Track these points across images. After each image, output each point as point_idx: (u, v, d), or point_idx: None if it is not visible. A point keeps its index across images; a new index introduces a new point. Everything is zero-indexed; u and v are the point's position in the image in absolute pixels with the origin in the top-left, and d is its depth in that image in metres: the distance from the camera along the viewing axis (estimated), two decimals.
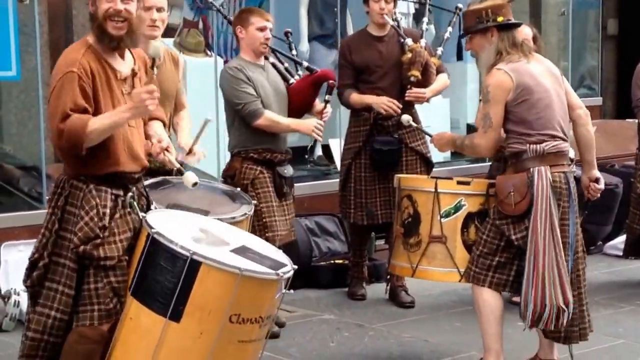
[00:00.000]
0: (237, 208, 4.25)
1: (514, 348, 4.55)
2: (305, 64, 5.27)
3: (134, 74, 3.52)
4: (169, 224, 3.42)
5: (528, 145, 4.10)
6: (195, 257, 3.25)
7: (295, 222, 5.29)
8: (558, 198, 4.12)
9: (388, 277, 5.62)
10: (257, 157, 4.94)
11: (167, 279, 3.27)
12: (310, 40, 7.41)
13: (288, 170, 5.04)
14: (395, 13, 5.61)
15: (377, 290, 5.70)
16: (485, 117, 4.14)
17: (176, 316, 3.27)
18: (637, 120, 6.04)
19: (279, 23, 6.45)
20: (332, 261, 6.22)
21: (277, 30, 5.37)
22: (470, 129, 7.99)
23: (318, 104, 5.18)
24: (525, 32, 5.65)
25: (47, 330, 3.38)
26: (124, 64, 3.50)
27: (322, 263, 6.15)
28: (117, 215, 3.41)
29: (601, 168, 6.65)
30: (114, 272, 3.36)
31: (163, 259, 3.30)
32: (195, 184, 3.54)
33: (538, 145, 4.10)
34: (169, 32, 7.46)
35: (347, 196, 5.62)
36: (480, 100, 4.88)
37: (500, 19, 4.16)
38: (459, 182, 4.40)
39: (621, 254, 6.69)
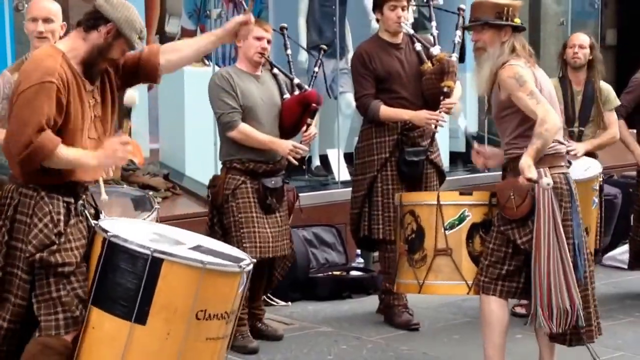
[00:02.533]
0: (136, 215, 4.16)
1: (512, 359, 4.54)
2: (297, 80, 5.12)
3: (95, 86, 3.45)
4: (123, 228, 3.38)
5: (526, 149, 4.09)
6: (156, 254, 3.21)
7: (291, 233, 5.24)
8: (560, 199, 4.13)
9: (382, 295, 5.51)
10: (240, 167, 4.93)
11: (128, 281, 3.22)
12: (311, 50, 7.39)
13: (275, 182, 4.97)
14: (407, 20, 5.46)
15: (376, 302, 5.66)
16: (531, 94, 4.08)
17: (141, 318, 3.22)
18: (635, 131, 6.04)
19: (278, 33, 6.44)
20: (330, 273, 6.19)
21: (274, 28, 5.33)
22: (468, 138, 7.96)
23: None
24: (582, 39, 5.81)
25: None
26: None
27: (320, 275, 6.13)
28: (72, 222, 3.35)
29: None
30: (76, 278, 3.30)
31: (122, 261, 3.25)
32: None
33: None
34: (167, 40, 7.48)
35: (373, 212, 5.30)
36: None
37: (516, 20, 4.20)
38: (461, 193, 4.42)
39: (620, 265, 6.69)
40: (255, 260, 3.47)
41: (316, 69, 5.34)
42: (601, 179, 5.51)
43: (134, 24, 3.38)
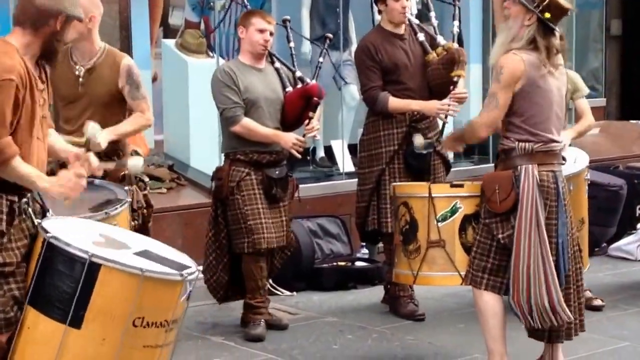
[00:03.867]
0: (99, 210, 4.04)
1: (518, 351, 4.51)
2: (298, 73, 5.09)
3: (43, 82, 3.38)
4: (67, 229, 3.29)
5: (517, 143, 4.10)
6: (94, 259, 3.14)
7: (296, 224, 5.26)
8: (545, 197, 4.10)
9: (388, 286, 5.49)
10: (243, 159, 4.93)
11: (65, 284, 3.16)
12: (314, 42, 7.38)
13: (280, 172, 4.97)
14: (411, 9, 5.39)
15: (381, 293, 5.66)
16: (492, 96, 4.12)
17: (77, 322, 3.15)
18: None
19: (281, 25, 6.42)
20: (335, 263, 6.18)
21: (278, 21, 5.31)
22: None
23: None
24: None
25: None
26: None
27: (324, 265, 6.11)
28: (15, 222, 3.26)
29: (605, 169, 6.68)
30: (15, 279, 3.22)
31: (60, 263, 3.18)
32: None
33: (527, 144, 4.09)
34: (171, 33, 7.49)
35: (381, 205, 5.24)
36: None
37: (547, 15, 4.09)
38: (452, 185, 4.42)
39: (626, 255, 6.68)
40: (201, 268, 3.42)
41: (321, 59, 5.31)
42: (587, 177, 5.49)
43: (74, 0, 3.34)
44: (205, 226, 5.16)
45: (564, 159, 4.32)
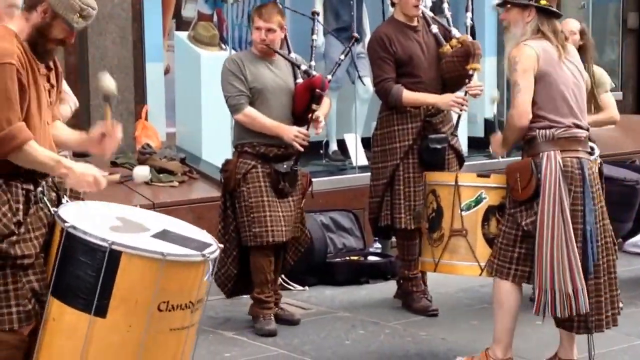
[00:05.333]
0: None
1: (533, 347, 4.51)
2: (304, 67, 5.05)
3: (49, 69, 3.37)
4: (83, 216, 3.26)
5: (538, 130, 4.12)
6: (114, 246, 3.11)
7: (308, 218, 5.23)
8: (569, 183, 4.10)
9: (401, 281, 5.46)
10: (251, 151, 4.93)
11: (87, 274, 3.14)
12: (325, 33, 7.34)
13: (288, 166, 4.94)
14: (424, 1, 5.37)
15: (393, 288, 5.62)
16: (514, 85, 4.13)
17: (101, 311, 3.14)
18: None
19: (295, 16, 6.39)
20: (348, 258, 6.15)
21: (292, 21, 5.26)
22: (487, 124, 7.89)
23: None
24: (572, 25, 5.60)
25: None
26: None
27: (337, 259, 6.09)
28: (31, 211, 3.24)
29: (622, 164, 6.60)
30: (33, 271, 3.20)
31: (81, 252, 3.16)
32: None
33: (547, 130, 4.12)
34: (183, 25, 7.47)
35: (395, 200, 5.21)
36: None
37: (543, 2, 4.15)
38: (479, 175, 4.45)
39: None
40: (222, 246, 3.39)
41: (342, 57, 5.27)
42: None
43: (72, 3, 3.26)
44: (217, 219, 5.14)
45: (592, 149, 4.31)
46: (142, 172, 3.90)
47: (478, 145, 7.77)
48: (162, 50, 6.88)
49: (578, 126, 4.18)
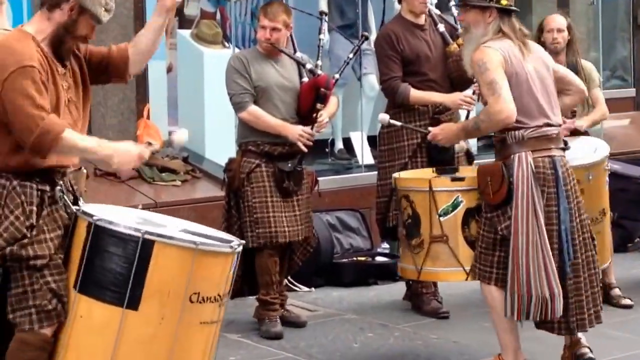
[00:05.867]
0: None
1: (545, 350, 4.43)
2: (309, 65, 5.02)
3: (64, 67, 3.35)
4: (107, 213, 3.31)
5: (507, 132, 4.05)
6: (147, 236, 3.14)
7: (314, 217, 5.18)
8: (542, 184, 4.04)
9: (410, 282, 5.33)
10: (255, 150, 4.91)
11: (118, 265, 3.14)
12: (330, 30, 7.29)
13: (291, 164, 4.90)
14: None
15: (402, 289, 5.51)
16: (491, 83, 4.02)
17: (134, 303, 3.13)
18: None
19: (300, 14, 6.29)
20: (355, 258, 6.09)
21: (297, 19, 5.21)
22: None
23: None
24: (559, 22, 5.51)
25: None
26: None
27: (344, 260, 6.03)
28: (45, 213, 3.24)
29: (636, 162, 6.51)
30: (50, 272, 3.20)
31: (111, 245, 3.16)
32: None
33: (517, 132, 4.05)
34: (186, 23, 7.40)
35: None
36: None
37: (503, 2, 4.11)
38: (453, 179, 4.39)
39: None
40: (243, 242, 3.43)
41: (351, 55, 5.24)
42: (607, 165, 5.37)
43: None
44: (220, 219, 5.06)
45: (565, 144, 4.21)
46: (180, 136, 3.93)
47: (486, 142, 7.68)
48: (165, 49, 6.83)
49: (549, 124, 4.11)
